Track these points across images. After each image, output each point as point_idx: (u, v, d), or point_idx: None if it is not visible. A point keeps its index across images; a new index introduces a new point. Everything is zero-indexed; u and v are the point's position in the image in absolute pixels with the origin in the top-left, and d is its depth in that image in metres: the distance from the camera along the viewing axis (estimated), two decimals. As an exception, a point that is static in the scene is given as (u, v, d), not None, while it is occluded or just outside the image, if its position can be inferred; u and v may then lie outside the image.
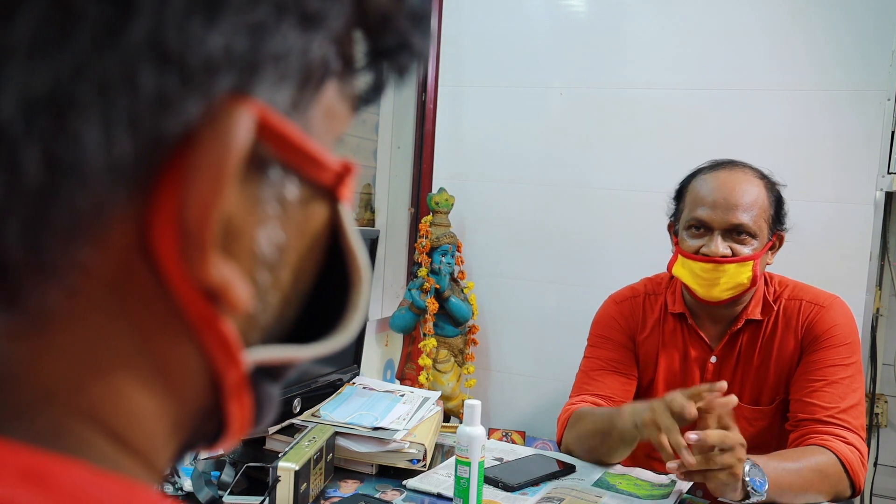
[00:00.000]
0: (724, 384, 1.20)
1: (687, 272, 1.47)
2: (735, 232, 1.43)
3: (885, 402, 2.27)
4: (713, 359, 1.54)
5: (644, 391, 1.61)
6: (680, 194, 1.56)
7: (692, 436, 1.19)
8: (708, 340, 1.54)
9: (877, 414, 2.26)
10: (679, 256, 1.49)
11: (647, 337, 1.59)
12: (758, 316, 1.51)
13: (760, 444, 1.47)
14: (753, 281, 1.44)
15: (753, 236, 1.44)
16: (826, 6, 2.11)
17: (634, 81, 2.33)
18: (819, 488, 1.32)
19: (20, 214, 0.20)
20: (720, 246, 1.42)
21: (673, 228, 1.57)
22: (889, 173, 2.05)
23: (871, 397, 2.25)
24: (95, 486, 0.22)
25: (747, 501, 1.24)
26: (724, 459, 1.19)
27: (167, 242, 0.23)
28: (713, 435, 1.19)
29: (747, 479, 1.23)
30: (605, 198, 2.39)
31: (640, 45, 2.32)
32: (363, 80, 0.29)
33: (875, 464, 2.26)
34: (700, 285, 1.45)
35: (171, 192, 0.22)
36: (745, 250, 1.43)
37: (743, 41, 2.20)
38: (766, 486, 1.24)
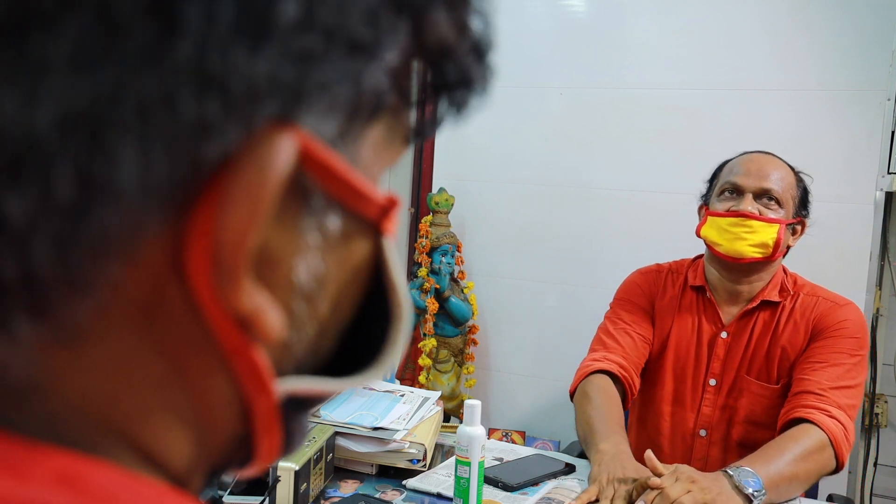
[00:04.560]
0: (657, 480, 1.23)
1: (715, 229, 1.54)
2: (765, 196, 1.51)
3: (885, 402, 2.27)
4: (724, 334, 1.59)
5: (654, 360, 1.65)
6: (714, 175, 1.64)
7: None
8: (722, 316, 1.59)
9: (877, 414, 2.26)
10: (708, 217, 1.56)
11: (664, 305, 1.65)
12: (775, 297, 1.56)
13: (767, 422, 1.50)
14: (776, 247, 1.50)
15: (780, 205, 1.52)
16: (826, 6, 2.11)
17: (634, 81, 2.33)
18: (810, 472, 1.35)
19: (50, 229, 0.20)
20: (749, 205, 1.50)
21: (704, 209, 1.63)
22: (889, 173, 2.05)
23: (871, 397, 2.25)
24: (128, 490, 0.22)
25: None
26: (674, 491, 1.21)
27: (200, 267, 0.22)
28: (661, 479, 1.22)
29: (740, 482, 1.24)
30: (604, 198, 2.39)
31: (640, 45, 2.32)
32: (419, 113, 0.28)
33: (875, 464, 2.26)
34: (726, 240, 1.51)
35: (206, 216, 0.22)
36: (772, 215, 1.51)
37: (743, 41, 2.20)
38: (762, 483, 1.25)
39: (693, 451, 1.60)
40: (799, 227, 1.58)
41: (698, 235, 1.59)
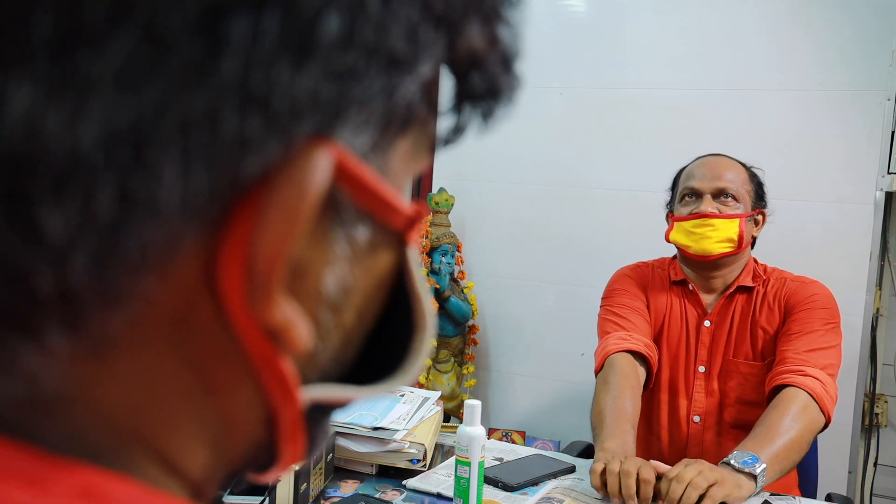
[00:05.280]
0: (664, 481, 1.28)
1: (681, 233, 1.64)
2: (721, 195, 1.62)
3: (885, 402, 2.27)
4: (707, 323, 1.67)
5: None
6: (674, 183, 1.75)
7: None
8: (704, 305, 1.69)
9: (877, 414, 2.26)
10: (674, 223, 1.67)
11: (655, 296, 1.74)
12: (749, 283, 1.66)
13: (758, 400, 1.57)
14: (740, 240, 1.61)
15: (737, 200, 1.62)
16: (826, 6, 2.11)
17: (634, 81, 2.33)
18: (804, 433, 1.40)
19: (90, 244, 0.20)
20: (708, 206, 1.61)
21: (670, 216, 1.73)
22: (889, 173, 2.05)
23: (871, 397, 2.25)
24: None
25: (760, 486, 1.30)
26: (687, 474, 1.25)
27: (233, 280, 0.22)
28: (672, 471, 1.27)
29: (739, 465, 1.29)
30: (604, 198, 2.39)
31: (640, 45, 2.32)
32: (446, 123, 0.28)
33: (875, 464, 2.26)
34: (693, 241, 1.62)
35: (242, 230, 0.22)
36: (731, 211, 1.62)
37: (743, 41, 2.20)
38: (759, 458, 1.31)
39: (689, 438, 1.65)
40: (760, 218, 1.68)
41: (668, 241, 1.68)
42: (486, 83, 0.27)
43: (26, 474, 0.21)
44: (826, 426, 1.46)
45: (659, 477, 1.28)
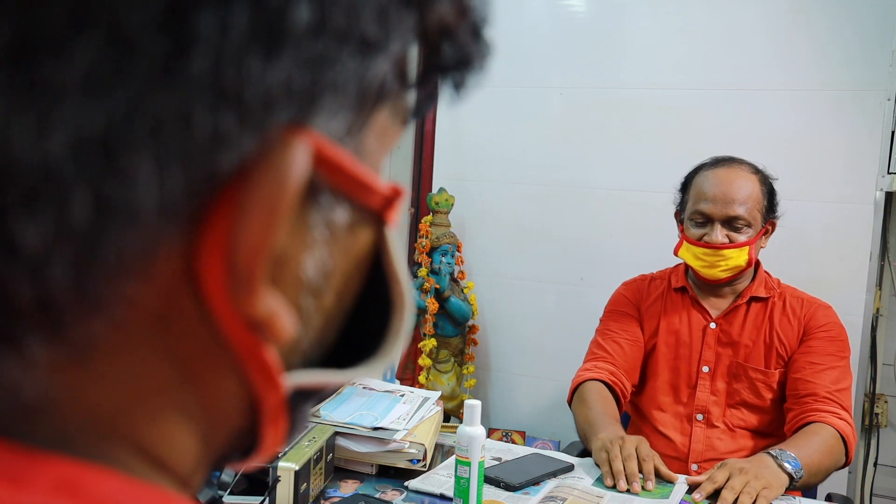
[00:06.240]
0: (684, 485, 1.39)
1: (690, 255, 1.67)
2: (732, 222, 1.62)
3: (885, 402, 2.26)
4: (713, 325, 1.71)
5: (648, 356, 1.77)
6: (685, 186, 1.73)
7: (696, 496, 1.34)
8: (708, 310, 1.72)
9: (877, 414, 2.25)
10: (684, 242, 1.68)
11: (650, 305, 1.78)
12: (762, 293, 1.69)
13: (760, 405, 1.64)
14: (749, 263, 1.64)
15: (748, 225, 1.63)
16: (826, 6, 2.11)
17: (634, 81, 2.33)
18: (830, 465, 1.49)
19: (67, 253, 0.19)
20: (719, 235, 1.61)
21: (679, 216, 1.74)
22: (889, 173, 2.05)
23: (871, 397, 2.25)
24: (128, 496, 0.22)
25: (793, 484, 1.38)
26: (737, 483, 1.32)
27: (215, 276, 0.22)
28: (718, 476, 1.35)
29: (782, 462, 1.37)
30: (604, 198, 2.39)
31: (640, 45, 2.32)
32: (418, 94, 0.28)
33: (875, 464, 2.25)
34: (702, 267, 1.66)
35: (221, 226, 0.22)
36: (740, 238, 1.62)
37: (743, 41, 2.20)
38: (801, 464, 1.38)
39: (692, 435, 1.69)
40: (770, 228, 1.69)
41: (676, 255, 1.72)
42: (457, 53, 0.27)
43: (4, 471, 0.21)
44: (845, 465, 1.54)
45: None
